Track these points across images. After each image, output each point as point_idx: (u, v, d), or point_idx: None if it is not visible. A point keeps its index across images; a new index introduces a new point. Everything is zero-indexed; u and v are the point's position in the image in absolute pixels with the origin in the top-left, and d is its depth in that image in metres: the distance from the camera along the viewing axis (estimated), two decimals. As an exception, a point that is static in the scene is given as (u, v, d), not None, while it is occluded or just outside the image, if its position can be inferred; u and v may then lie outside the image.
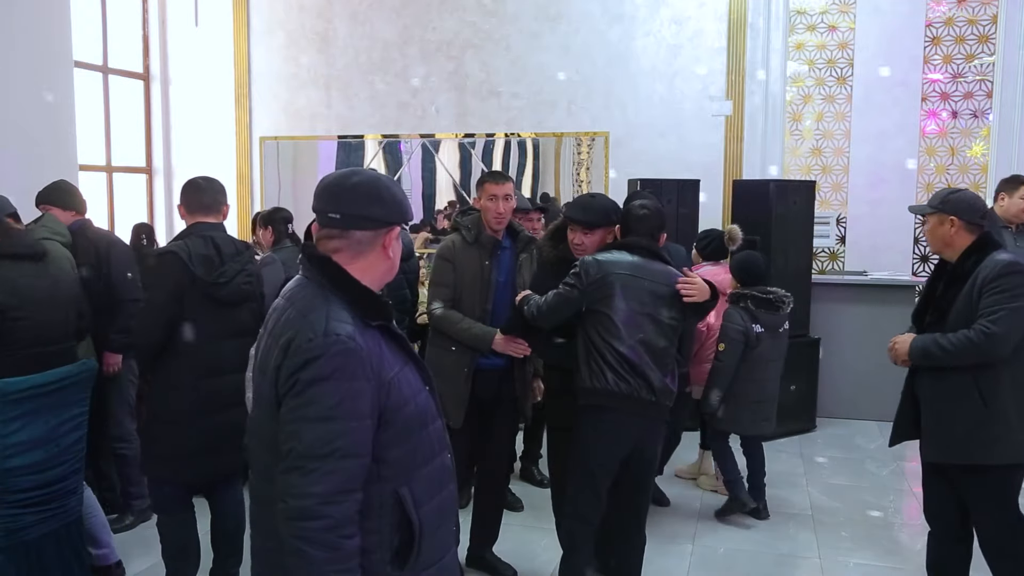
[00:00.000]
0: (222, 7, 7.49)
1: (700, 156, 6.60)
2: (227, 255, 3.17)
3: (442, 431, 1.77)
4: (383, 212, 1.67)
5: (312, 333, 1.56)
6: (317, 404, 1.52)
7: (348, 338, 1.55)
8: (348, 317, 1.59)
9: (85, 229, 3.99)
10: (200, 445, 3.09)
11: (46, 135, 5.55)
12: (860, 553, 3.92)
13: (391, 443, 1.61)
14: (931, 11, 6.74)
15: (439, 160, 7.16)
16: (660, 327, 2.98)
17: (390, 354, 1.64)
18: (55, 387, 2.93)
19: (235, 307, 3.19)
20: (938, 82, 6.78)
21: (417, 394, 1.67)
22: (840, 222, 6.97)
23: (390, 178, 1.78)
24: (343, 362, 1.54)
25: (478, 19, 7.09)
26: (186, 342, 3.06)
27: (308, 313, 1.60)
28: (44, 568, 2.94)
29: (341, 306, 1.61)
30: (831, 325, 6.02)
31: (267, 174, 7.53)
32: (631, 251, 3.01)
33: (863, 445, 5.53)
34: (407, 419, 1.63)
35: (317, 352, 1.54)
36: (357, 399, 1.54)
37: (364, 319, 1.62)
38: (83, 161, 6.30)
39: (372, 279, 1.69)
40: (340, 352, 1.54)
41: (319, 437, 1.51)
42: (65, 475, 3.00)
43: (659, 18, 6.76)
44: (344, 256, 1.67)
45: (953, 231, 2.85)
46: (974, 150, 6.79)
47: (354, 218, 1.65)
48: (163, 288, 3.05)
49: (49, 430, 2.91)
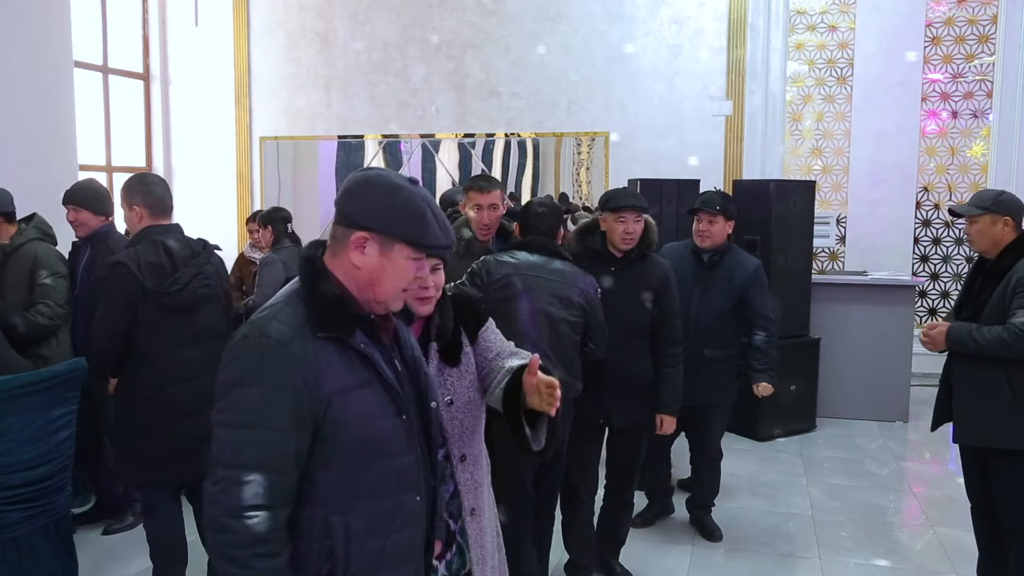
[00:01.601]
0: (222, 7, 7.49)
1: (700, 156, 6.60)
2: (180, 260, 3.08)
3: (413, 470, 1.58)
4: (353, 210, 1.51)
5: (247, 331, 1.47)
6: (230, 409, 1.43)
7: (274, 341, 1.43)
8: (295, 321, 1.47)
9: (107, 237, 3.80)
10: (168, 451, 3.06)
11: (46, 135, 5.55)
12: (860, 553, 3.92)
13: (324, 464, 1.47)
14: (931, 11, 6.74)
15: (439, 160, 7.16)
16: (563, 325, 2.98)
17: (342, 369, 1.48)
18: (45, 385, 2.94)
19: (193, 312, 3.12)
20: (938, 82, 6.78)
21: (374, 420, 1.51)
22: (840, 222, 6.97)
23: (410, 188, 1.53)
24: (258, 365, 1.42)
25: (478, 19, 7.09)
26: (144, 350, 3.02)
27: (270, 307, 1.52)
28: (33, 564, 2.96)
29: (298, 308, 1.50)
30: (831, 325, 6.02)
31: (267, 174, 7.54)
32: (531, 250, 3.03)
33: (863, 445, 5.53)
34: (350, 443, 1.48)
35: (235, 352, 1.46)
36: (274, 407, 1.41)
37: (314, 328, 1.48)
38: (83, 161, 6.30)
39: (355, 287, 1.53)
40: (257, 354, 1.43)
41: (229, 444, 1.42)
42: (53, 472, 3.01)
43: (659, 18, 6.76)
44: (327, 253, 1.56)
45: (1006, 230, 2.96)
46: (974, 150, 6.79)
47: (336, 209, 1.55)
48: (114, 299, 3.00)
49: (39, 427, 2.93)
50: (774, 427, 5.60)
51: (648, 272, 3.33)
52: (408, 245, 1.50)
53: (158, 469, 3.10)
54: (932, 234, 6.98)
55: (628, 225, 3.27)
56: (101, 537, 3.99)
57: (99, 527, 4.06)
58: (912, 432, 5.83)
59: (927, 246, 6.99)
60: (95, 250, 3.76)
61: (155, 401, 3.04)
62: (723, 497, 4.39)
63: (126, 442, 3.14)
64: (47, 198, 4.35)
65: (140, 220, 3.10)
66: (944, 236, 6.96)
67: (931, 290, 7.04)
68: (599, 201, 3.58)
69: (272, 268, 4.68)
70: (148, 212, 3.10)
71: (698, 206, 3.81)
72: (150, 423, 3.06)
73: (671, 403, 3.41)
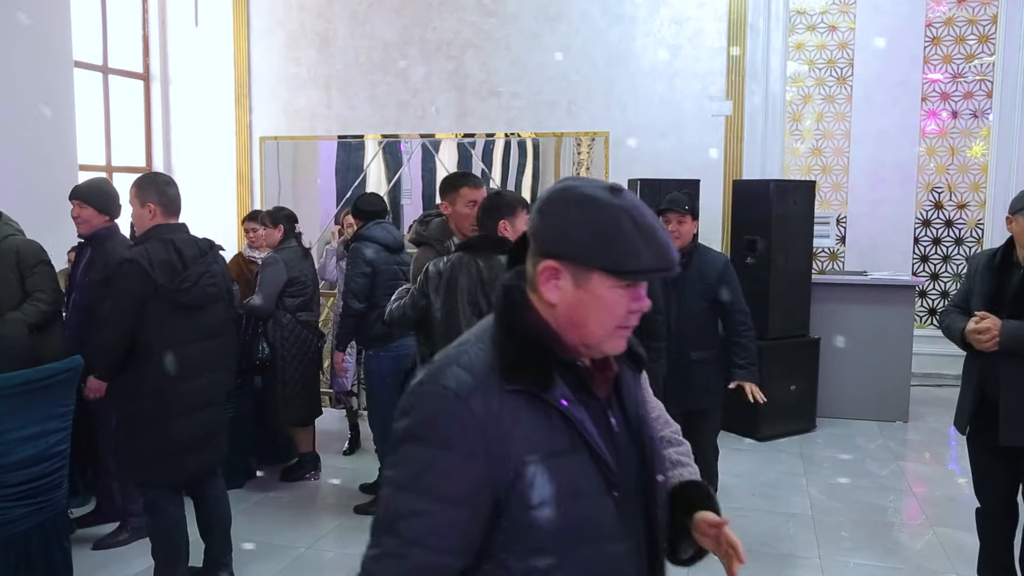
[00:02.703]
0: (222, 7, 7.49)
1: (700, 156, 6.59)
2: (189, 258, 3.12)
3: (624, 562, 1.25)
4: (539, 231, 1.23)
5: (427, 375, 1.22)
6: (399, 467, 1.19)
7: (451, 392, 1.17)
8: (480, 367, 1.20)
9: (107, 240, 3.78)
10: (174, 447, 3.10)
11: (46, 135, 5.55)
12: (860, 553, 3.92)
13: (507, 548, 1.19)
14: (931, 11, 6.74)
15: (439, 160, 7.16)
16: None
17: (536, 431, 1.18)
18: (44, 383, 2.95)
19: (201, 309, 3.16)
20: (938, 82, 6.78)
21: (575, 498, 1.19)
22: (840, 222, 6.97)
23: (605, 199, 1.23)
24: (431, 420, 1.17)
25: (478, 19, 7.08)
26: (150, 348, 3.04)
27: (460, 346, 1.26)
28: (31, 559, 2.98)
29: (489, 350, 1.23)
30: (831, 325, 6.02)
31: (267, 174, 7.52)
32: None
33: (863, 445, 5.53)
34: (542, 526, 1.17)
35: (411, 399, 1.21)
36: (445, 476, 1.16)
37: (501, 377, 1.19)
38: (83, 161, 6.30)
39: (557, 328, 1.23)
40: (431, 407, 1.18)
41: (391, 508, 1.18)
42: (51, 470, 3.04)
43: (659, 18, 6.76)
44: (529, 286, 1.27)
45: None
46: (974, 150, 6.79)
47: (528, 231, 1.27)
48: (125, 298, 3.03)
49: (38, 426, 2.94)
50: (774, 427, 5.60)
51: None
52: (608, 274, 1.19)
53: (162, 466, 3.12)
54: (932, 234, 6.98)
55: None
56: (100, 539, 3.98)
57: (99, 528, 4.05)
58: (912, 432, 5.83)
59: (927, 246, 6.99)
60: (94, 252, 3.76)
61: (160, 398, 3.07)
62: (723, 497, 4.38)
63: (130, 440, 3.16)
64: (47, 198, 4.37)
65: (152, 218, 3.13)
66: (944, 236, 6.96)
67: (931, 290, 7.05)
68: None
69: (274, 268, 4.67)
70: (161, 211, 3.14)
71: (666, 207, 3.81)
72: (154, 420, 3.08)
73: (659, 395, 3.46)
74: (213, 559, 3.42)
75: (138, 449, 3.12)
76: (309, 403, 4.85)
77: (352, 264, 4.37)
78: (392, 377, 4.38)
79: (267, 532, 4.12)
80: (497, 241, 2.96)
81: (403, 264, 4.46)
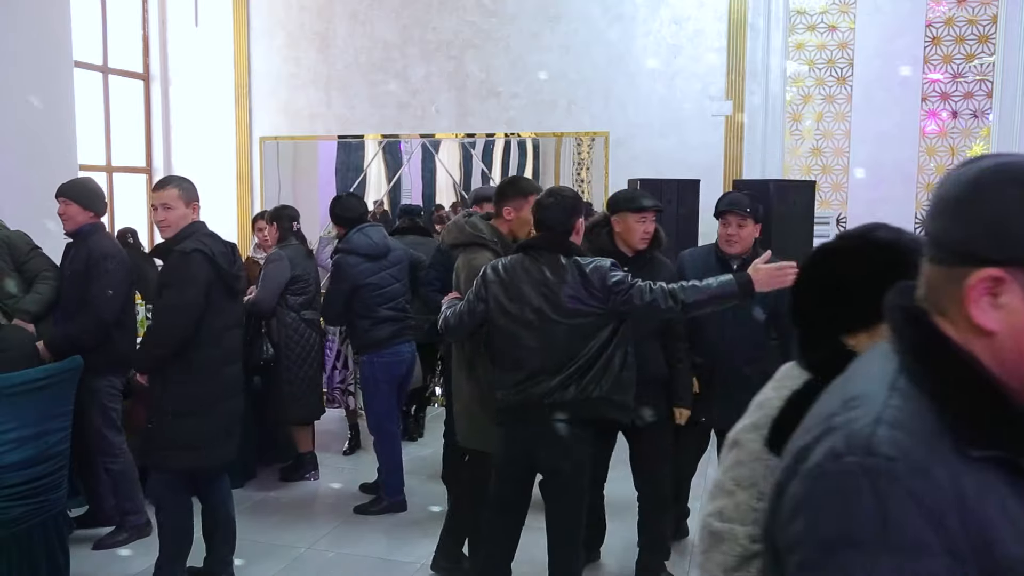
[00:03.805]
0: (222, 7, 7.49)
1: (700, 156, 6.60)
2: (230, 249, 3.41)
3: None
4: (959, 232, 0.92)
5: (838, 446, 0.83)
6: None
7: (900, 465, 0.80)
8: (920, 427, 0.83)
9: (90, 235, 3.82)
10: (220, 429, 3.28)
11: (46, 135, 5.55)
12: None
13: None
14: (931, 11, 6.74)
15: (439, 160, 7.16)
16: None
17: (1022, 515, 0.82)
18: (44, 383, 2.98)
19: (235, 298, 3.41)
20: (938, 82, 6.78)
21: None
22: (840, 222, 6.97)
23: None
24: (879, 512, 0.78)
25: (478, 19, 7.08)
26: (208, 333, 3.22)
27: (853, 402, 0.88)
28: (31, 558, 3.00)
29: (918, 403, 0.86)
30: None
31: (267, 174, 7.53)
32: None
33: (863, 445, 5.53)
34: None
35: (827, 484, 0.83)
36: None
37: (960, 440, 0.83)
38: (83, 161, 6.30)
39: (997, 367, 0.87)
40: (873, 491, 0.79)
41: None
42: (51, 471, 3.05)
43: (659, 18, 6.76)
44: (952, 314, 0.90)
45: None
46: (974, 150, 6.79)
47: (929, 239, 0.95)
48: (194, 286, 3.16)
49: (39, 426, 2.96)
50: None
51: (658, 272, 3.32)
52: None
53: (210, 448, 3.26)
54: (932, 234, 6.97)
55: (648, 224, 3.34)
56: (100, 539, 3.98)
57: (98, 528, 4.06)
58: (912, 432, 5.83)
59: (927, 246, 6.99)
60: (78, 248, 3.84)
61: (213, 382, 3.24)
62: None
63: (176, 425, 3.22)
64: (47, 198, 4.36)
65: (194, 215, 3.37)
66: (944, 236, 6.96)
67: (931, 290, 7.04)
68: (611, 201, 3.56)
69: (278, 265, 4.66)
70: (198, 211, 3.42)
71: (725, 208, 3.53)
72: (207, 404, 3.23)
73: (685, 396, 3.49)
74: (217, 559, 3.45)
75: (183, 434, 3.20)
76: (313, 401, 4.86)
77: (333, 278, 4.35)
78: (387, 383, 4.39)
79: (267, 532, 4.12)
80: (560, 241, 2.86)
81: (396, 263, 4.39)
